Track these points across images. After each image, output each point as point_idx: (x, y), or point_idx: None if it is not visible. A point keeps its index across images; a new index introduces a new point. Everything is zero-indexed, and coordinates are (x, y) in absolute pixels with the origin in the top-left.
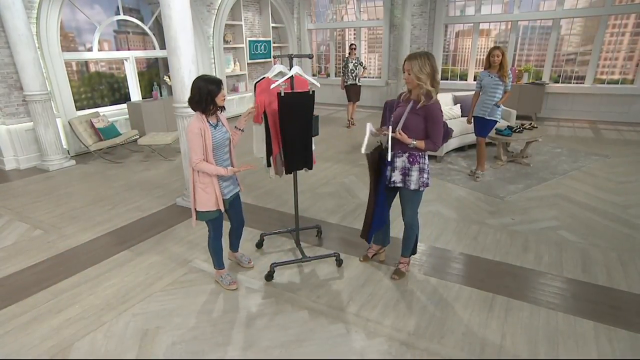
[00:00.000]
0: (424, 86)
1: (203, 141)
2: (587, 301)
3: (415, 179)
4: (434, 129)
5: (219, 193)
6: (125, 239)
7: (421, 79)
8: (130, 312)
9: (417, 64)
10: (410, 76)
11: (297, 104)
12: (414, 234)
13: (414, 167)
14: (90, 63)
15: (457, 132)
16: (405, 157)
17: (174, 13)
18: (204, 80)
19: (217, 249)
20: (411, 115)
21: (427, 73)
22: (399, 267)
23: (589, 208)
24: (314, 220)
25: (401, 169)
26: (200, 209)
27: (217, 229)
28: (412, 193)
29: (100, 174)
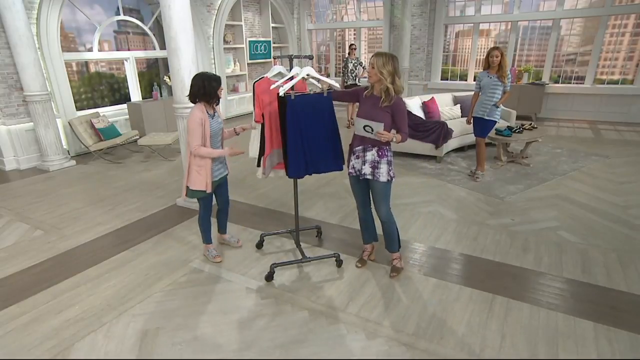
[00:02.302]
0: (384, 81)
1: (203, 130)
2: (587, 302)
3: (384, 172)
4: (402, 122)
5: (209, 177)
6: (126, 239)
7: (383, 74)
8: (131, 313)
9: (381, 60)
10: (374, 70)
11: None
12: (394, 227)
13: (383, 160)
14: (91, 63)
15: (457, 132)
16: (375, 151)
17: (174, 13)
18: (207, 77)
19: (206, 225)
20: (379, 112)
21: (388, 70)
22: (394, 263)
23: (589, 209)
24: (314, 221)
25: (370, 162)
26: (192, 187)
27: (207, 207)
28: (383, 185)
29: (100, 175)
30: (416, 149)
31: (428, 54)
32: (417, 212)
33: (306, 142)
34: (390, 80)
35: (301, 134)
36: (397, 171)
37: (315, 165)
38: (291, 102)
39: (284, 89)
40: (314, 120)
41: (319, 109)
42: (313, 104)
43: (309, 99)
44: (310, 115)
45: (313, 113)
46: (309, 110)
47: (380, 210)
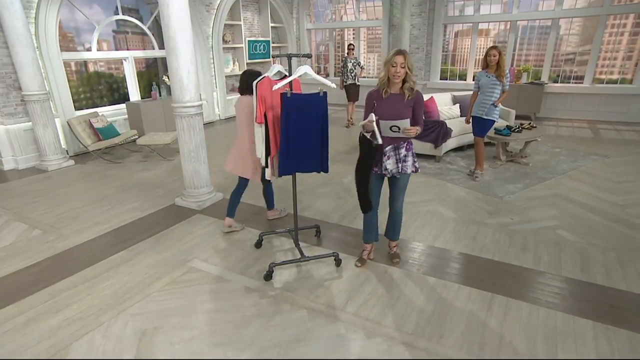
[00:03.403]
0: (413, 78)
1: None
2: (586, 301)
3: (410, 164)
4: (421, 113)
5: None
6: (124, 239)
7: (410, 70)
8: (129, 312)
9: (406, 57)
10: (404, 69)
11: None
12: (402, 217)
13: (409, 153)
14: (89, 63)
15: (456, 132)
16: (404, 147)
17: (172, 13)
18: (251, 73)
19: (235, 200)
20: (404, 108)
21: (410, 65)
22: (395, 250)
23: (588, 208)
24: (313, 220)
25: (402, 158)
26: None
27: (242, 186)
28: (407, 177)
29: (99, 174)
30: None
31: (427, 53)
32: (416, 211)
33: (295, 140)
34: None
35: (289, 131)
36: None
37: (301, 163)
38: (286, 99)
39: (278, 86)
40: (307, 120)
41: (313, 109)
42: (308, 103)
43: (304, 98)
44: (304, 114)
45: (307, 112)
46: (303, 109)
47: (398, 202)
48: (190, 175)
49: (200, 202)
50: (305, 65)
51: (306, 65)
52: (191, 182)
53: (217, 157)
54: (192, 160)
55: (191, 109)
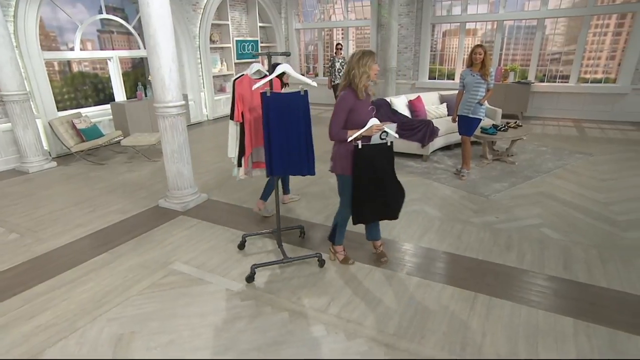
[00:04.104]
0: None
1: None
2: (568, 298)
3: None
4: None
5: None
6: (105, 241)
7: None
8: (105, 317)
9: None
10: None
11: (286, 105)
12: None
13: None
14: (74, 63)
15: (443, 131)
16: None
17: (152, 11)
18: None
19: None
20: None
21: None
22: (382, 249)
23: (571, 205)
24: (298, 221)
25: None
26: None
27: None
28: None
29: (82, 176)
30: (402, 147)
31: (415, 53)
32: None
33: (277, 141)
34: None
35: (271, 132)
36: None
37: (283, 166)
38: (266, 99)
39: (257, 85)
40: (289, 120)
41: (293, 108)
42: (287, 102)
43: (284, 97)
44: (284, 113)
45: (288, 112)
46: (283, 108)
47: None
48: (174, 176)
49: (184, 204)
50: (284, 64)
51: (285, 64)
52: (174, 183)
53: (204, 158)
54: (176, 161)
55: (173, 109)
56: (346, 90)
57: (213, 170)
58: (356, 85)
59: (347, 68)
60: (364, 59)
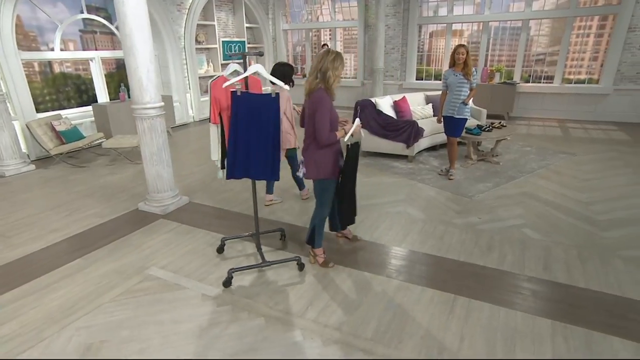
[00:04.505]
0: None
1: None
2: (547, 300)
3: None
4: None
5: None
6: (80, 246)
7: None
8: (74, 326)
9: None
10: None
11: (255, 106)
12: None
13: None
14: (55, 64)
15: (429, 131)
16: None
17: (128, 10)
18: (283, 64)
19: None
20: None
21: None
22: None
23: (553, 205)
24: (279, 224)
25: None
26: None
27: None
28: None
29: (61, 179)
30: (387, 148)
31: (403, 54)
32: (385, 212)
33: (243, 143)
34: None
35: (237, 132)
36: (368, 171)
37: (246, 168)
38: (236, 98)
39: (227, 83)
40: (257, 122)
41: (264, 110)
42: (258, 104)
43: (254, 98)
44: (254, 115)
45: (257, 114)
46: (252, 110)
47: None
48: (153, 179)
49: (164, 207)
50: (257, 64)
51: (258, 64)
52: (154, 186)
53: (188, 160)
54: (155, 164)
55: (152, 111)
56: (321, 91)
57: (197, 172)
58: (330, 86)
59: (320, 67)
60: (338, 60)
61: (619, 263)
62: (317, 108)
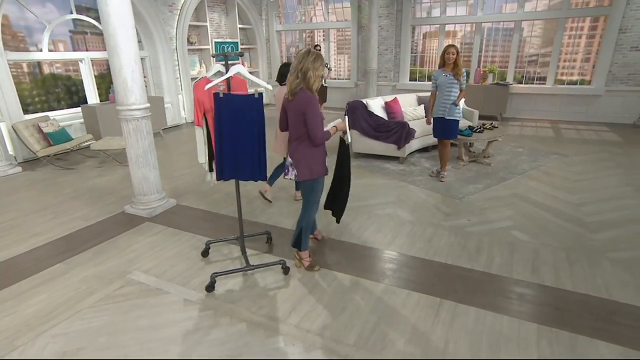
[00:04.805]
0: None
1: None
2: (533, 303)
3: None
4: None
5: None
6: (63, 250)
7: None
8: (50, 333)
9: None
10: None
11: (239, 107)
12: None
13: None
14: (45, 64)
15: (420, 132)
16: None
17: (111, 9)
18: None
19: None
20: None
21: None
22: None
23: (543, 207)
24: (266, 226)
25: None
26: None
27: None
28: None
29: (48, 181)
30: (379, 149)
31: (396, 54)
32: (374, 214)
33: (229, 144)
34: None
35: (223, 134)
36: (359, 173)
37: (234, 169)
38: (218, 100)
39: (209, 85)
40: (241, 123)
41: (247, 111)
42: (242, 105)
43: (237, 99)
44: (237, 116)
45: (241, 115)
46: (236, 111)
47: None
48: (139, 182)
49: (150, 210)
50: (237, 65)
51: (239, 65)
52: (140, 189)
53: (178, 162)
54: (141, 166)
55: (137, 112)
56: (306, 91)
57: (187, 174)
58: (311, 86)
59: (300, 68)
60: (318, 60)
61: (607, 265)
62: (307, 109)
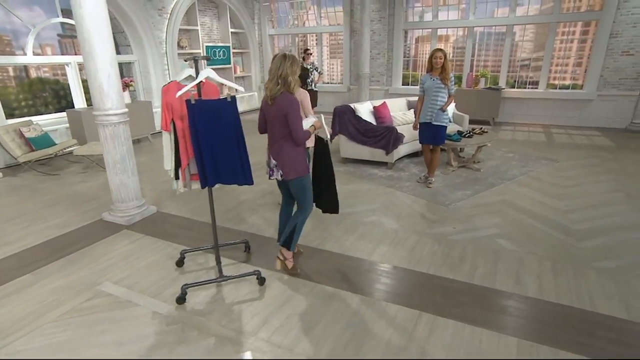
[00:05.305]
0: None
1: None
2: (515, 316)
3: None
4: None
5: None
6: (33, 260)
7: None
8: (5, 352)
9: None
10: None
11: (213, 112)
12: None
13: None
14: (31, 68)
15: (409, 137)
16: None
17: (85, 12)
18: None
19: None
20: None
21: None
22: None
23: (531, 214)
24: (248, 234)
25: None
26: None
27: None
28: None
29: (28, 188)
30: (367, 155)
31: (389, 59)
32: (358, 222)
33: (208, 151)
34: None
35: (200, 141)
36: (345, 179)
37: (217, 175)
38: (190, 106)
39: (180, 93)
40: (217, 128)
41: (221, 115)
42: (215, 110)
43: (210, 104)
44: (211, 122)
45: (216, 120)
46: (210, 116)
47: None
48: (117, 189)
49: (128, 217)
50: (207, 69)
51: (208, 69)
52: (118, 196)
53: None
54: (118, 173)
55: (114, 117)
56: (287, 94)
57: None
58: (292, 89)
59: (279, 74)
60: (295, 64)
61: (592, 275)
62: (289, 110)
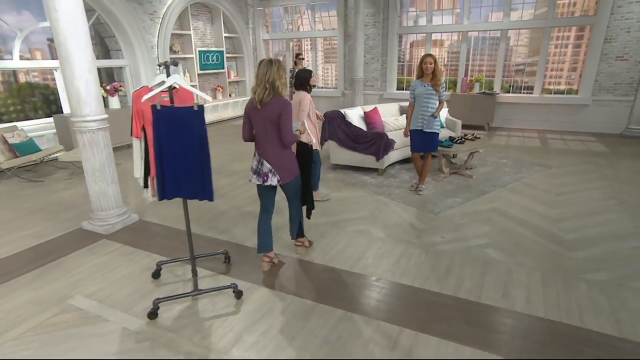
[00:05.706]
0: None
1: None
2: (500, 332)
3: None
4: None
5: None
6: (4, 272)
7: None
8: None
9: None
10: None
11: (177, 121)
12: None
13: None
14: (20, 73)
15: (400, 143)
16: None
17: (61, 16)
18: (305, 71)
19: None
20: None
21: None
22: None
23: (521, 223)
24: (230, 244)
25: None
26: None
27: None
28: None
29: (9, 195)
30: (357, 161)
31: (383, 63)
32: (344, 231)
33: (169, 161)
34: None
35: (161, 149)
36: (334, 185)
37: (176, 188)
38: (156, 112)
39: (145, 97)
40: (180, 138)
41: (187, 124)
42: (180, 118)
43: (176, 112)
44: (176, 130)
45: (180, 129)
46: (175, 124)
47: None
48: (97, 197)
49: (108, 226)
50: (174, 75)
51: (176, 75)
52: (98, 204)
53: None
54: (98, 180)
55: (92, 124)
56: (277, 97)
57: None
58: (280, 93)
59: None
60: (281, 69)
61: (583, 288)
62: (283, 111)
